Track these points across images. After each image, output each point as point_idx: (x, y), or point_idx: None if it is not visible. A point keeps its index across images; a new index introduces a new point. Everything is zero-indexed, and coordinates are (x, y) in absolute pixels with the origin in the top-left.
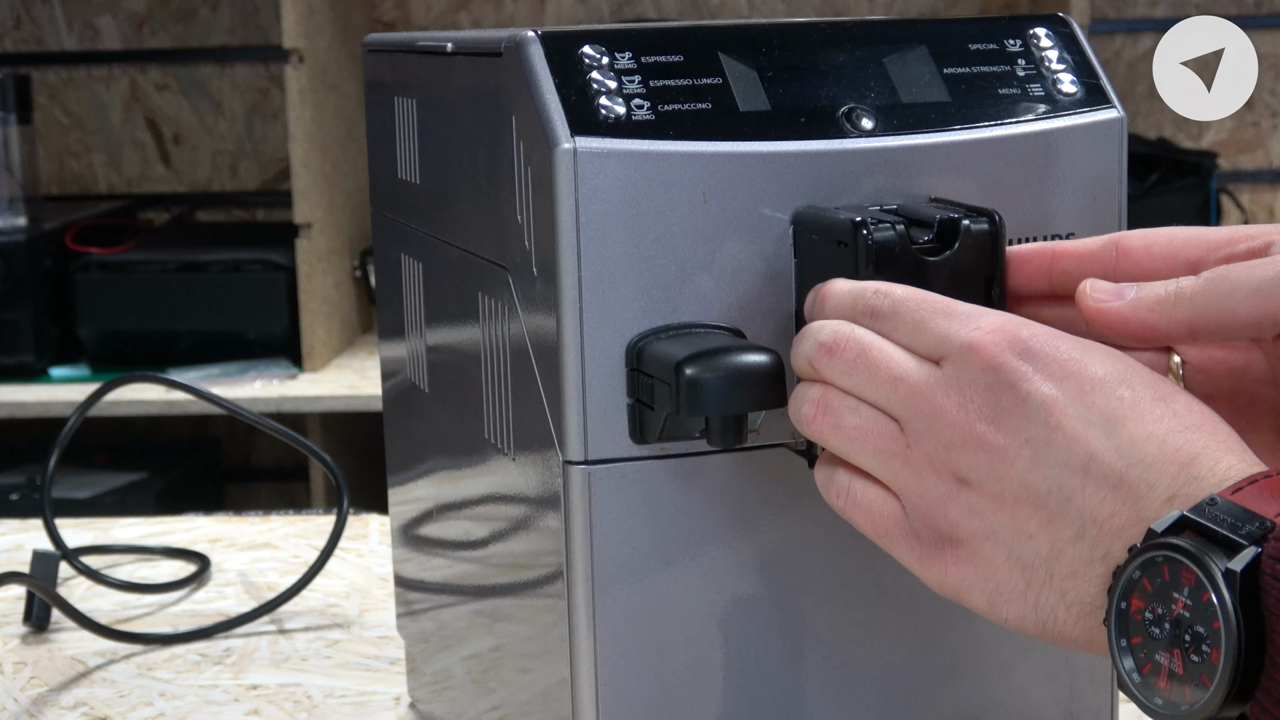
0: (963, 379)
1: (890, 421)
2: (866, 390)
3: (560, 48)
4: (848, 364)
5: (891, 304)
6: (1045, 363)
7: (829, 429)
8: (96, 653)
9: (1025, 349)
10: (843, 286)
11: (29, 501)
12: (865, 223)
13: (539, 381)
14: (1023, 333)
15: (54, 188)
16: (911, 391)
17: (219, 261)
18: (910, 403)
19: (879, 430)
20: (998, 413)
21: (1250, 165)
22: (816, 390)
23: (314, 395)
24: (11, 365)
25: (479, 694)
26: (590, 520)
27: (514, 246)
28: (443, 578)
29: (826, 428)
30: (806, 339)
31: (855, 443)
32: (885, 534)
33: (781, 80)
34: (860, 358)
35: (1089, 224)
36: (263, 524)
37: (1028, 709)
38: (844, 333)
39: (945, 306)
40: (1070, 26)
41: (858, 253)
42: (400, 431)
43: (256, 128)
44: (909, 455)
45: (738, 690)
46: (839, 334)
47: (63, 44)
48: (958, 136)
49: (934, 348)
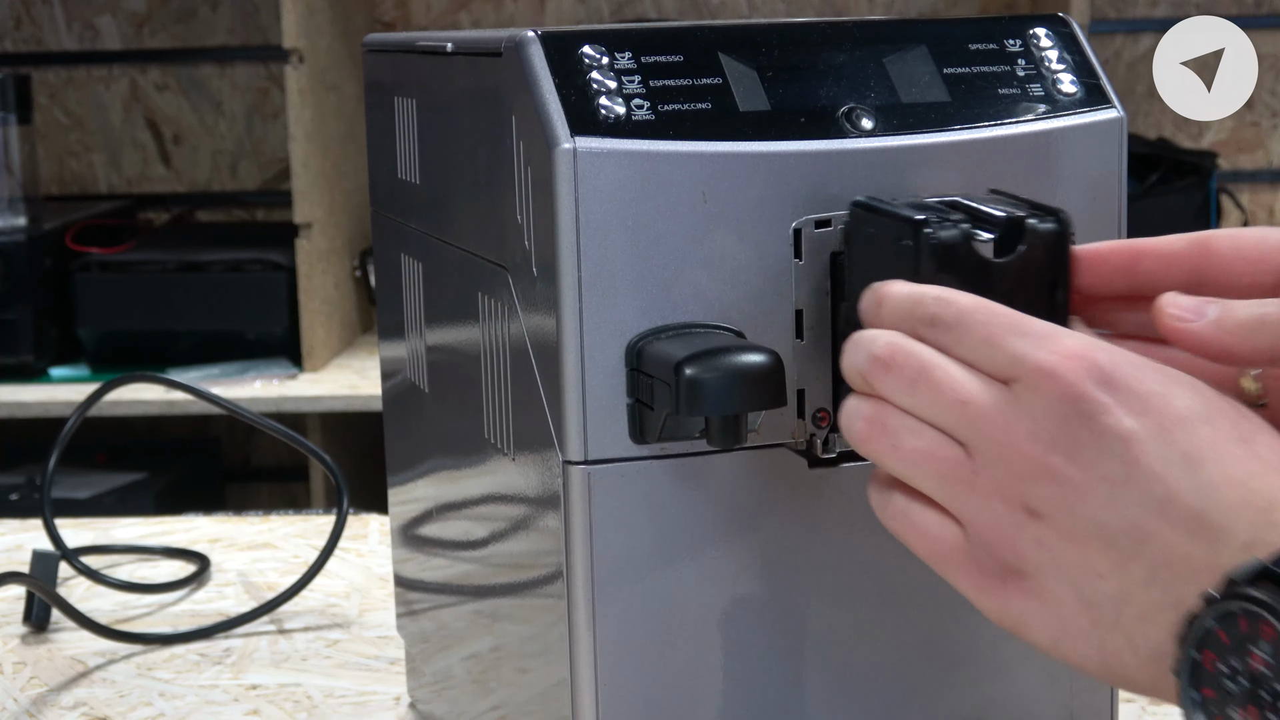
0: (1037, 406)
1: (955, 445)
2: (929, 411)
3: (560, 48)
4: (907, 382)
5: (956, 314)
6: (1126, 395)
7: (886, 449)
8: (96, 653)
9: (1105, 378)
10: (901, 290)
11: (29, 501)
12: (928, 220)
13: (539, 381)
14: (1102, 359)
15: (54, 188)
16: (980, 416)
17: (219, 261)
18: (978, 428)
19: (943, 455)
20: (1074, 445)
21: (1250, 165)
22: (870, 406)
23: (314, 395)
24: (11, 365)
25: (479, 694)
26: (590, 520)
27: (514, 246)
28: (443, 578)
29: (883, 448)
30: (858, 350)
31: (916, 466)
32: (944, 560)
33: (781, 80)
34: (921, 376)
35: (1089, 224)
36: (263, 524)
37: (1028, 709)
38: (901, 346)
39: (1017, 323)
40: (1070, 26)
41: (918, 252)
42: (400, 431)
43: (256, 128)
44: (975, 482)
45: (738, 690)
46: (896, 348)
47: (63, 44)
48: (958, 136)
49: (1005, 368)
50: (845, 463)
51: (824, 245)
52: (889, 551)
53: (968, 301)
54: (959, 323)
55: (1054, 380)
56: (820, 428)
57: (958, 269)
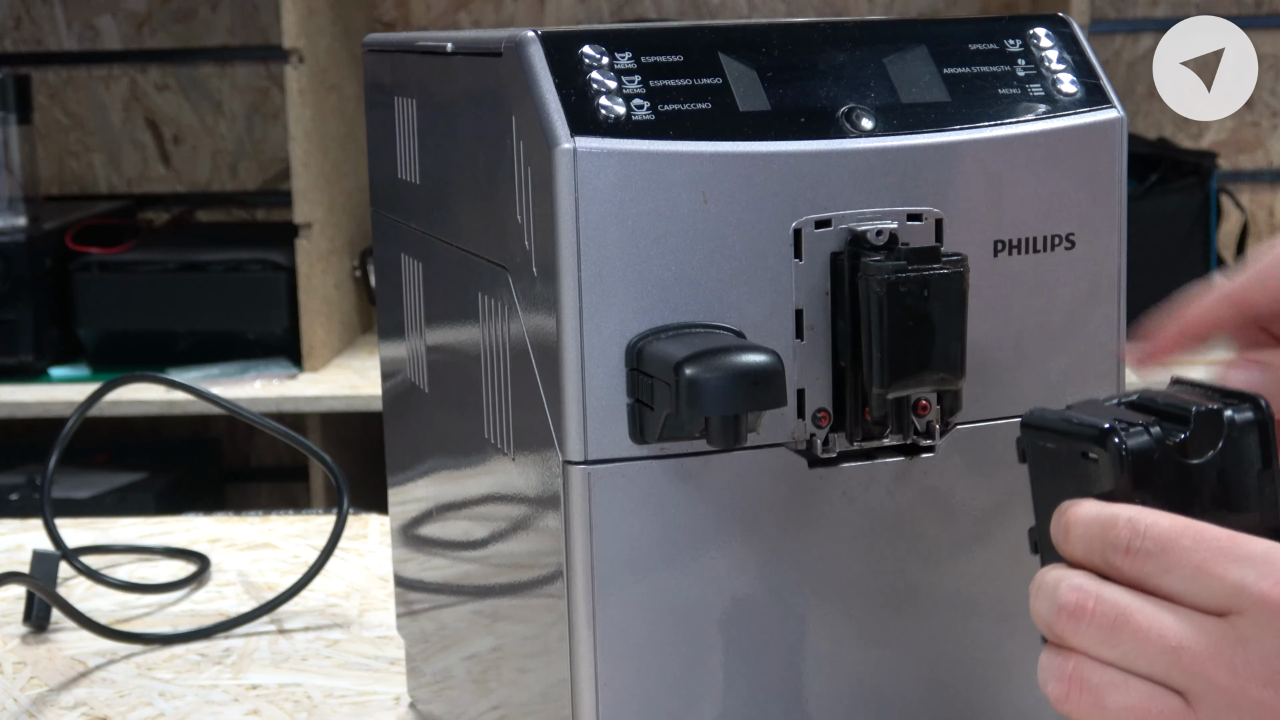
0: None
1: (1171, 696)
2: (1135, 662)
3: (560, 48)
4: (1104, 631)
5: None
6: None
7: (1089, 708)
8: (96, 653)
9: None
10: (1089, 513)
11: (29, 501)
12: (1115, 429)
13: (539, 381)
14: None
15: (54, 188)
16: (1199, 660)
17: (219, 261)
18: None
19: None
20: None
21: (1250, 165)
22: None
23: (314, 395)
24: (11, 365)
25: (479, 694)
26: (590, 520)
27: (514, 246)
28: (443, 578)
29: (1086, 708)
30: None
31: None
32: None
33: (781, 80)
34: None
35: (1089, 224)
36: (263, 524)
37: (1028, 710)
38: (1090, 592)
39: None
40: (1070, 26)
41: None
42: (400, 431)
43: (256, 128)
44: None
45: (738, 690)
46: (1084, 594)
47: (63, 44)
48: (958, 136)
49: (1222, 600)
50: (845, 463)
51: (824, 245)
52: (889, 552)
53: (1170, 525)
54: (1164, 550)
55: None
56: (820, 428)
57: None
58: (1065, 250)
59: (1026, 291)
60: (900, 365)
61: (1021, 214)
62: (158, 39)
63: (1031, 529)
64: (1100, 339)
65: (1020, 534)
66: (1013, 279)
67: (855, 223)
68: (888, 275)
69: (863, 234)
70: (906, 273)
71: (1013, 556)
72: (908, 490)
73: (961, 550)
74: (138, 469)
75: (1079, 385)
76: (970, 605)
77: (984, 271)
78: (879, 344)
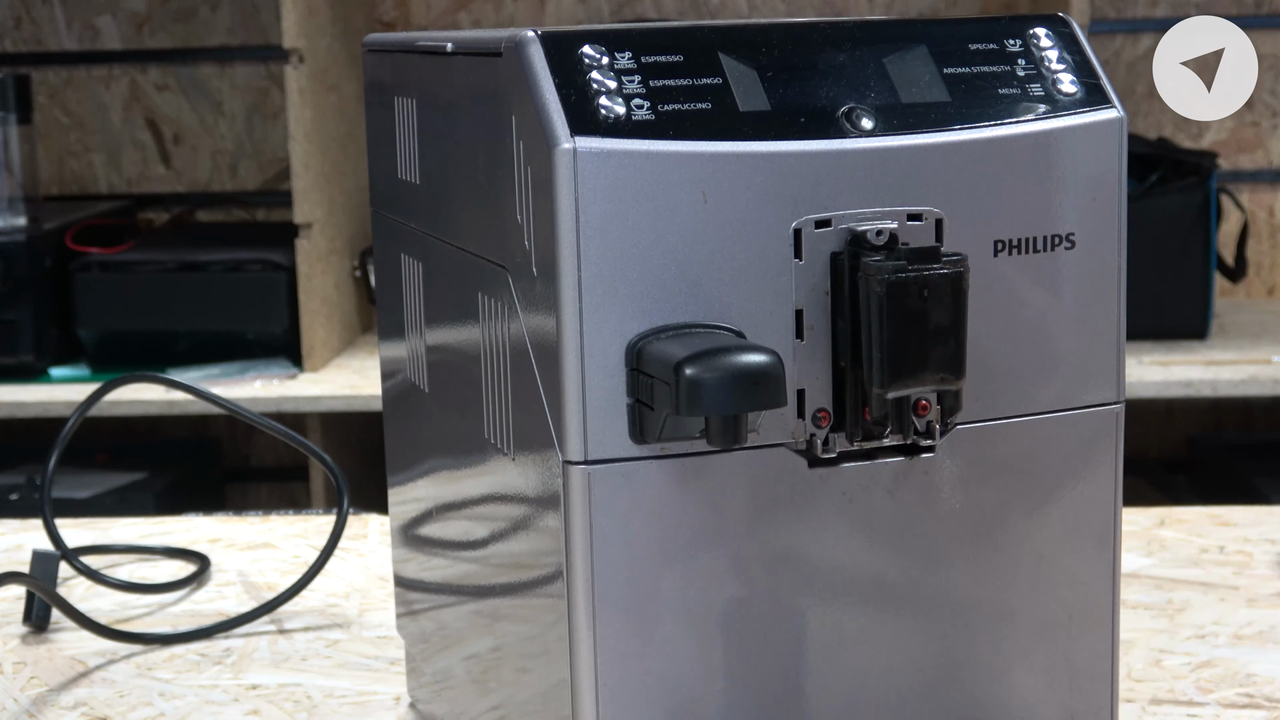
0: None
1: None
2: None
3: (560, 48)
4: None
5: None
6: None
7: None
8: (96, 653)
9: None
10: None
11: (29, 501)
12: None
13: (539, 381)
14: None
15: (54, 188)
16: None
17: (219, 261)
18: None
19: None
20: None
21: (1250, 165)
22: None
23: (314, 395)
24: (11, 365)
25: (479, 694)
26: (590, 520)
27: (514, 246)
28: (443, 578)
29: None
30: None
31: None
32: None
33: (781, 80)
34: None
35: (1089, 224)
36: (263, 524)
37: (1028, 709)
38: None
39: None
40: (1070, 26)
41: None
42: (400, 431)
43: (256, 128)
44: None
45: (738, 690)
46: None
47: (63, 44)
48: (958, 136)
49: None
50: (845, 463)
51: (824, 245)
52: (889, 552)
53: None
54: None
55: None
56: (820, 428)
57: None
58: (1065, 250)
59: (1026, 291)
60: (900, 365)
61: (1021, 214)
62: (158, 39)
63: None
64: (1100, 339)
65: (1020, 534)
66: (1013, 279)
67: (855, 223)
68: (888, 275)
69: (863, 234)
70: (906, 273)
71: (1013, 556)
72: (908, 490)
73: (961, 550)
74: (138, 469)
75: (1079, 385)
76: (970, 605)
77: (984, 271)
78: (879, 344)
